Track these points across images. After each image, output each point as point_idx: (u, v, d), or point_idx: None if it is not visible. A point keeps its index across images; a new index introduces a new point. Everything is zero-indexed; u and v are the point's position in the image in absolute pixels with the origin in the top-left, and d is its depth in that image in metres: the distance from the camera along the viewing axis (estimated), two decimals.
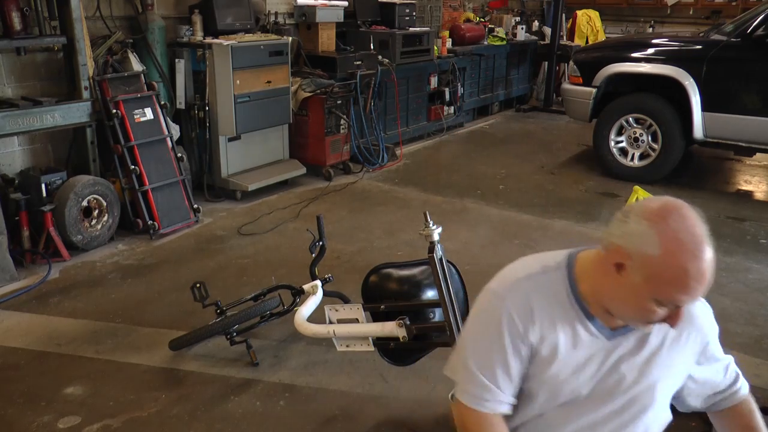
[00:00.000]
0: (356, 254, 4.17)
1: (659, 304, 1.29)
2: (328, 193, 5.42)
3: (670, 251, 1.25)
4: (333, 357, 3.00)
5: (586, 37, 9.51)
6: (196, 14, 5.07)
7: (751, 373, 2.92)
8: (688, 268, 1.25)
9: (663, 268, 1.26)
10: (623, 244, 1.31)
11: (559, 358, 1.42)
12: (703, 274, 1.26)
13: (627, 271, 1.31)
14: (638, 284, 1.29)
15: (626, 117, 5.76)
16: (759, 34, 5.14)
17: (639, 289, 1.29)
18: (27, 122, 3.95)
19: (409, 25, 6.88)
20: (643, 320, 1.34)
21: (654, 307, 1.30)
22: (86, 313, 3.42)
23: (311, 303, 2.92)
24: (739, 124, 5.30)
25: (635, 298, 1.31)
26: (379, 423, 2.61)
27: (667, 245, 1.26)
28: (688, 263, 1.25)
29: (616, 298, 1.36)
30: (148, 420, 2.60)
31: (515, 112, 9.04)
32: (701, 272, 1.25)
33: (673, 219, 1.28)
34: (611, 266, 1.33)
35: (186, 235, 4.50)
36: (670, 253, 1.25)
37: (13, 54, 4.13)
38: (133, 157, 4.37)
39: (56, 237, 4.00)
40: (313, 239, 3.11)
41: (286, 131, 5.64)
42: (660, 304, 1.29)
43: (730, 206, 5.19)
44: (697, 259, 1.25)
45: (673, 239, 1.26)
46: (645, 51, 5.77)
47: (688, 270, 1.24)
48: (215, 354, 3.06)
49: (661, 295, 1.28)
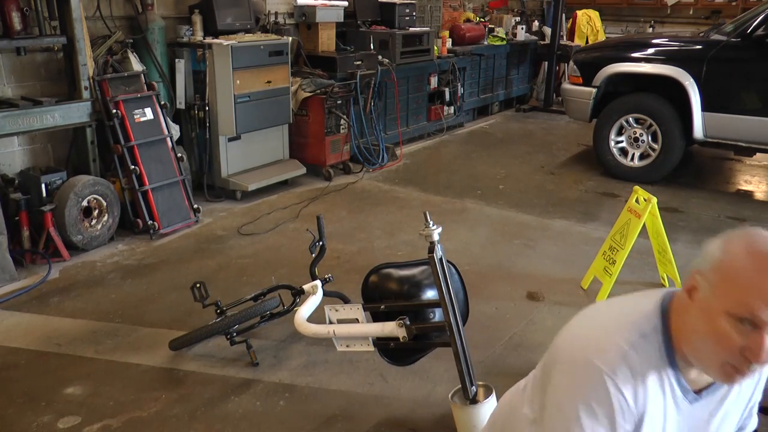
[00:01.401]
0: (356, 254, 4.17)
1: (733, 320, 1.12)
2: (328, 193, 5.42)
3: (740, 251, 1.14)
4: (333, 357, 3.00)
5: (586, 37, 9.52)
6: (196, 14, 5.07)
7: None
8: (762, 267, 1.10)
9: (732, 270, 1.13)
10: (696, 265, 1.20)
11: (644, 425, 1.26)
12: None
13: (698, 290, 1.18)
14: (707, 299, 1.15)
15: (626, 117, 5.76)
16: (759, 34, 5.14)
17: (709, 305, 1.15)
18: (27, 122, 3.95)
19: (409, 25, 6.89)
20: (720, 355, 1.15)
21: (727, 327, 1.12)
22: (86, 313, 3.42)
23: (311, 303, 2.92)
24: (739, 124, 5.30)
25: (706, 319, 1.15)
26: (379, 423, 2.61)
27: (737, 248, 1.15)
28: (760, 263, 1.10)
29: (691, 333, 1.20)
30: (148, 420, 2.60)
31: (515, 112, 9.05)
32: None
33: (746, 233, 1.17)
34: (686, 296, 1.20)
35: (186, 235, 4.50)
36: (741, 253, 1.13)
37: (13, 54, 4.13)
38: (133, 157, 4.37)
39: (56, 237, 4.00)
40: (313, 239, 3.11)
41: (286, 131, 5.64)
42: (734, 319, 1.11)
43: (730, 206, 5.19)
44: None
45: (744, 243, 1.15)
46: (645, 51, 5.77)
47: (762, 269, 1.09)
48: (215, 354, 3.06)
49: (732, 303, 1.11)
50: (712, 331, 1.15)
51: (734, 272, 1.13)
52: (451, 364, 2.36)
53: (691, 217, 4.89)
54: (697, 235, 4.51)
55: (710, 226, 4.70)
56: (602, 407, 1.21)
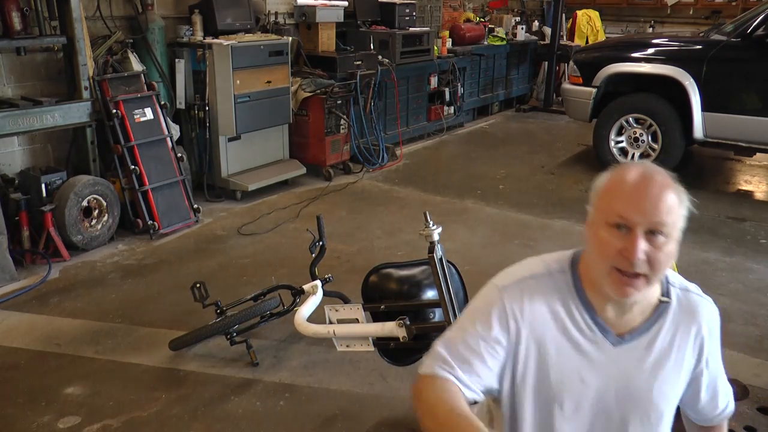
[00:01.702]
0: (356, 254, 4.17)
1: (611, 227, 1.25)
2: (328, 193, 5.42)
3: (615, 173, 1.29)
4: (333, 357, 3.00)
5: (586, 37, 9.51)
6: (196, 14, 5.07)
7: (751, 373, 2.92)
8: (627, 178, 1.25)
9: (605, 187, 1.29)
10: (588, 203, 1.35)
11: (554, 365, 1.35)
12: (640, 182, 1.24)
13: (587, 219, 1.32)
14: (592, 220, 1.30)
15: (626, 117, 5.76)
16: (759, 34, 5.14)
17: (594, 223, 1.29)
18: (27, 122, 3.95)
19: (409, 25, 6.89)
20: (607, 261, 1.26)
21: (607, 235, 1.25)
22: (86, 313, 3.42)
23: (311, 303, 2.92)
24: (739, 124, 5.30)
25: (593, 236, 1.29)
26: (379, 423, 2.61)
27: (612, 174, 1.30)
28: (627, 175, 1.26)
29: (587, 257, 1.34)
30: (148, 420, 2.60)
31: (515, 112, 9.05)
32: (641, 181, 1.24)
33: (622, 164, 1.32)
34: (585, 232, 1.35)
35: (186, 235, 4.50)
36: (614, 174, 1.29)
37: (13, 54, 4.13)
38: (133, 157, 4.37)
39: (56, 237, 4.00)
40: (313, 239, 3.11)
41: (286, 131, 5.64)
42: (611, 226, 1.25)
43: (730, 206, 5.19)
44: (637, 172, 1.26)
45: (618, 169, 1.30)
46: (645, 51, 5.77)
47: (626, 179, 1.25)
48: (215, 354, 3.06)
49: (608, 213, 1.25)
50: (597, 243, 1.28)
51: (609, 190, 1.28)
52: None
53: (691, 217, 4.86)
54: (697, 235, 4.51)
55: (710, 226, 4.70)
56: (485, 306, 1.38)
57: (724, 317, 3.74)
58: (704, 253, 4.24)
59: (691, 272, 3.91)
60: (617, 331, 1.36)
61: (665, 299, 1.38)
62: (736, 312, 3.51)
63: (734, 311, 3.51)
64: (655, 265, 1.24)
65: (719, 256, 4.22)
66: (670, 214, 1.23)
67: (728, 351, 3.14)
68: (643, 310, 1.37)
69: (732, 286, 3.80)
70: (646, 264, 1.23)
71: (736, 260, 4.16)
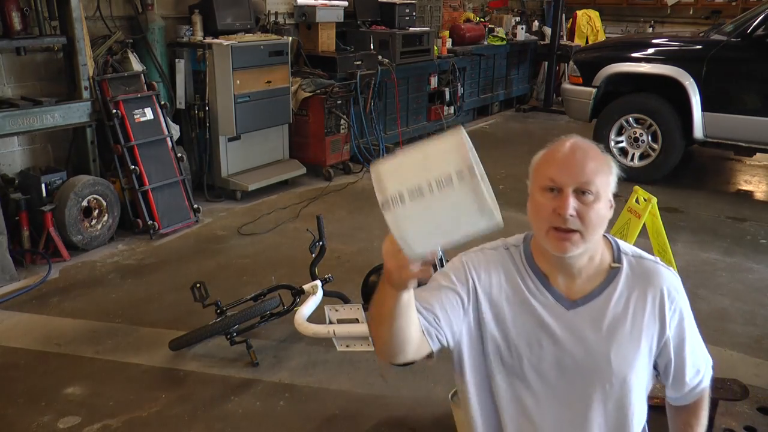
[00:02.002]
0: (356, 254, 4.17)
1: (544, 191, 1.38)
2: (328, 193, 5.42)
3: (548, 148, 1.44)
4: (333, 357, 3.00)
5: (586, 37, 9.51)
6: (196, 14, 5.07)
7: (751, 373, 2.92)
8: (557, 148, 1.41)
9: (540, 159, 1.43)
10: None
11: (512, 328, 1.42)
12: (568, 150, 1.39)
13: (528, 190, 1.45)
14: (530, 190, 1.43)
15: (626, 117, 5.76)
16: (759, 34, 5.14)
17: (531, 192, 1.42)
18: (27, 122, 3.95)
19: (409, 25, 6.88)
20: (545, 222, 1.37)
21: (542, 199, 1.38)
22: (86, 313, 3.42)
23: (311, 303, 2.92)
24: (739, 124, 5.30)
25: (531, 202, 1.42)
26: (379, 423, 2.61)
27: (547, 147, 1.44)
28: (557, 146, 1.41)
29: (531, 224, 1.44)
30: (148, 420, 2.60)
31: (515, 112, 9.04)
32: (569, 150, 1.39)
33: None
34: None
35: (186, 235, 4.50)
36: (547, 148, 1.44)
37: (13, 54, 4.13)
38: (133, 157, 4.37)
39: (56, 237, 4.00)
40: (313, 239, 3.11)
41: (286, 131, 5.64)
42: (544, 190, 1.38)
43: (730, 206, 5.19)
44: (567, 143, 1.40)
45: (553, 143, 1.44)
46: (645, 51, 5.77)
47: (557, 149, 1.40)
48: (215, 354, 3.06)
49: (541, 180, 1.39)
50: (534, 208, 1.40)
51: (543, 160, 1.43)
52: (450, 363, 2.36)
53: (691, 217, 4.89)
54: (697, 235, 4.52)
55: (710, 226, 4.70)
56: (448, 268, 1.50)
57: (724, 317, 3.75)
58: (704, 253, 4.24)
59: (691, 272, 3.91)
60: (570, 298, 1.44)
61: (615, 265, 1.45)
62: (736, 312, 3.50)
63: (734, 311, 3.51)
64: (586, 220, 1.35)
65: (719, 256, 4.22)
66: (595, 175, 1.36)
67: (728, 351, 3.14)
68: (594, 277, 1.44)
69: (732, 286, 3.80)
70: (578, 220, 1.34)
71: (736, 260, 4.16)
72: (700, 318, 1.39)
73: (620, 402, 1.43)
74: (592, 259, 1.43)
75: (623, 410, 1.43)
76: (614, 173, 1.42)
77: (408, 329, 1.30)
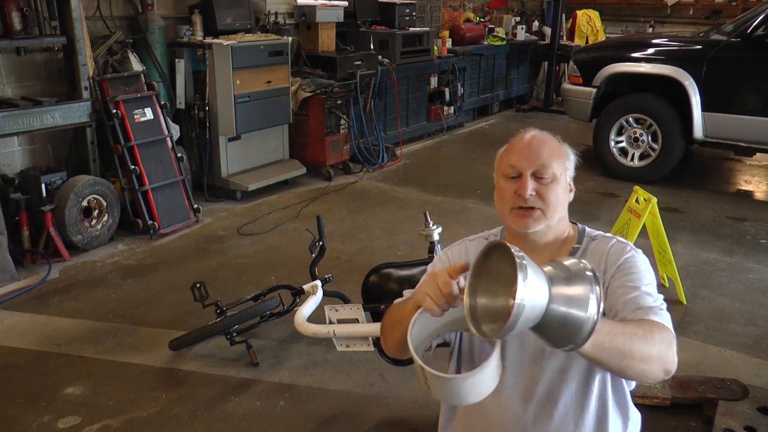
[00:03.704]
0: (356, 254, 4.17)
1: (506, 178, 1.53)
2: (328, 193, 5.42)
3: (510, 141, 1.59)
4: (333, 357, 3.00)
5: (586, 37, 9.51)
6: (196, 14, 5.07)
7: (751, 373, 2.92)
8: (518, 140, 1.57)
9: (503, 151, 1.59)
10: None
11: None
12: (526, 140, 1.54)
13: (494, 182, 1.59)
14: (496, 179, 1.58)
15: (626, 117, 5.76)
16: (759, 34, 5.14)
17: (497, 180, 1.58)
18: (27, 122, 3.95)
19: (409, 25, 6.88)
20: (507, 204, 1.52)
21: (505, 184, 1.53)
22: (86, 313, 3.42)
23: (311, 303, 2.92)
24: (739, 124, 5.30)
25: (497, 190, 1.58)
26: (379, 423, 2.61)
27: (510, 141, 1.60)
28: (517, 138, 1.58)
29: (497, 209, 1.58)
30: (148, 420, 2.60)
31: (515, 112, 9.04)
32: (527, 140, 1.54)
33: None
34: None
35: (186, 235, 4.50)
36: (510, 141, 1.59)
37: (13, 54, 4.13)
38: (133, 157, 4.37)
39: (56, 237, 4.00)
40: (313, 239, 3.11)
41: (286, 131, 5.64)
42: (507, 177, 1.53)
43: (730, 206, 5.19)
44: (526, 135, 1.56)
45: (515, 136, 1.59)
46: (645, 51, 5.77)
47: (517, 141, 1.57)
48: (215, 354, 3.06)
49: (503, 168, 1.55)
50: (498, 193, 1.57)
51: (505, 151, 1.59)
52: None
53: (691, 217, 4.89)
54: (697, 235, 4.52)
55: (710, 226, 4.70)
56: (437, 266, 1.61)
57: (724, 317, 3.74)
58: (704, 253, 4.24)
59: (691, 272, 3.91)
60: None
61: (577, 246, 1.56)
62: (736, 312, 3.50)
63: (734, 311, 3.51)
64: (546, 199, 1.48)
65: (719, 256, 4.22)
66: (551, 158, 1.50)
67: (728, 351, 3.14)
68: (556, 256, 1.49)
69: (732, 286, 3.80)
70: (538, 199, 1.48)
71: (736, 260, 4.16)
72: (700, 318, 1.39)
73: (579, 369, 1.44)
74: (556, 239, 1.55)
75: (589, 386, 1.45)
76: (572, 160, 1.56)
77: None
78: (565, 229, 1.57)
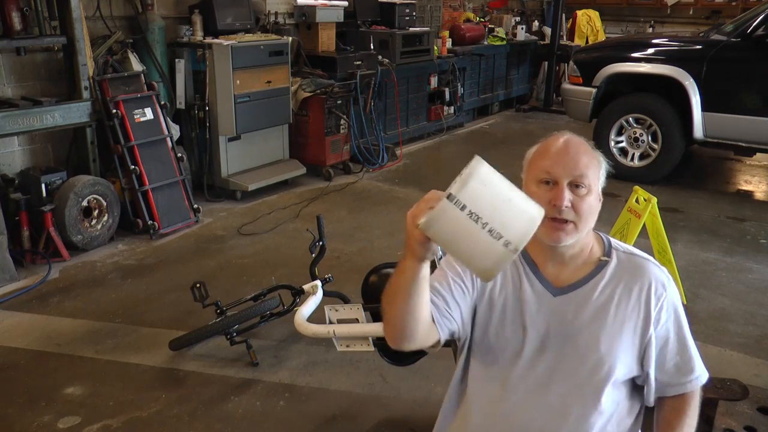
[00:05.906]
0: (356, 254, 4.17)
1: (540, 184, 1.45)
2: (328, 193, 5.42)
3: (543, 143, 1.50)
4: (333, 357, 3.00)
5: (586, 37, 9.51)
6: (196, 14, 5.07)
7: (751, 373, 2.92)
8: (552, 143, 1.48)
9: (535, 153, 1.50)
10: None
11: (502, 312, 1.50)
12: (563, 145, 1.46)
13: (523, 184, 1.50)
14: (526, 182, 1.49)
15: (626, 117, 5.76)
16: (759, 34, 5.14)
17: (527, 184, 1.48)
18: (27, 122, 3.95)
19: (409, 25, 6.88)
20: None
21: (538, 190, 1.44)
22: (86, 313, 3.42)
23: (311, 303, 2.92)
24: (739, 124, 5.30)
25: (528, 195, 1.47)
26: (379, 423, 2.61)
27: (542, 142, 1.51)
28: (552, 141, 1.49)
29: None
30: (148, 420, 2.60)
31: (515, 112, 9.05)
32: (563, 145, 1.46)
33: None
34: None
35: (186, 235, 4.50)
36: (542, 143, 1.51)
37: (13, 54, 4.13)
38: (133, 157, 4.37)
39: (56, 237, 4.00)
40: (313, 239, 3.11)
41: (286, 131, 5.64)
42: (540, 183, 1.45)
43: (730, 206, 5.19)
44: (561, 139, 1.48)
45: (547, 138, 1.51)
46: (645, 51, 5.77)
47: (552, 144, 1.47)
48: (215, 354, 3.06)
49: (536, 172, 1.46)
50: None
51: (538, 154, 1.49)
52: (450, 363, 2.36)
53: (691, 217, 4.89)
54: (697, 235, 4.52)
55: (710, 226, 4.70)
56: (453, 260, 1.53)
57: (724, 317, 3.74)
58: (704, 253, 4.24)
59: (691, 272, 3.91)
60: (557, 285, 1.50)
61: (605, 258, 1.51)
62: (736, 312, 3.50)
63: (734, 311, 3.51)
64: (580, 212, 1.43)
65: (719, 256, 4.22)
66: (587, 168, 1.44)
67: (728, 351, 3.14)
68: (583, 267, 1.50)
69: (732, 286, 3.80)
70: (572, 211, 1.42)
71: (736, 260, 4.16)
72: (700, 318, 1.39)
73: (596, 388, 1.44)
74: (582, 251, 1.50)
75: (597, 397, 1.44)
76: (603, 168, 1.51)
77: (421, 308, 1.35)
78: (591, 240, 1.53)
